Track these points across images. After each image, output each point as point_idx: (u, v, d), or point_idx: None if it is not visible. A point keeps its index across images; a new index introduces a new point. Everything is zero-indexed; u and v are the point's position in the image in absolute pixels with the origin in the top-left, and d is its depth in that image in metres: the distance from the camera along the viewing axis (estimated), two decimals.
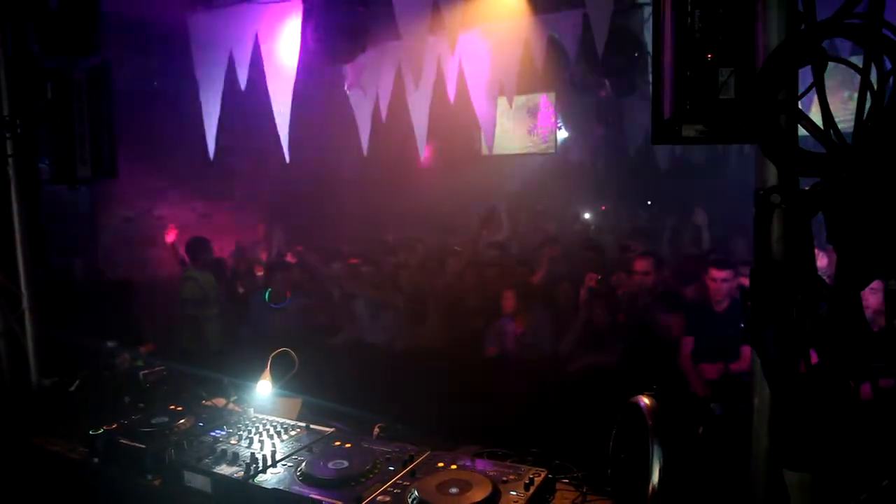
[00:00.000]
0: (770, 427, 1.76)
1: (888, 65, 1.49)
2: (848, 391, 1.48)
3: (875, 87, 1.49)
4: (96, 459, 2.65)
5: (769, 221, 1.62)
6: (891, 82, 1.46)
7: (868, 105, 1.50)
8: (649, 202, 12.46)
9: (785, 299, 1.55)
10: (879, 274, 1.47)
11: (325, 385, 3.24)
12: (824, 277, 1.57)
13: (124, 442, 2.59)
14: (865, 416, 1.50)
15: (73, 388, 3.36)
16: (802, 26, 1.67)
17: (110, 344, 3.60)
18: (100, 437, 2.65)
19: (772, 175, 1.71)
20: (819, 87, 1.54)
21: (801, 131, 1.66)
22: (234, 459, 2.38)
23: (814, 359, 1.54)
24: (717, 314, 4.71)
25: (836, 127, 1.56)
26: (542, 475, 2.15)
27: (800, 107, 1.69)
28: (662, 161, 11.44)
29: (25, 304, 3.73)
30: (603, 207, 12.53)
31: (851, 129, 1.53)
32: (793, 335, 1.53)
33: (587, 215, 11.94)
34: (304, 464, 2.29)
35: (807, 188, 1.60)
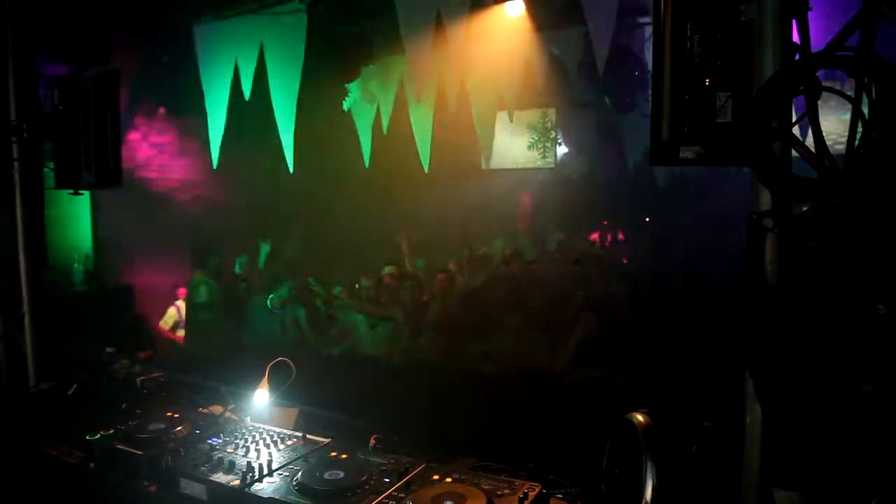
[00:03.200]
0: (761, 446, 1.78)
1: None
2: (838, 412, 1.50)
3: (867, 116, 1.53)
4: (92, 465, 2.66)
5: (762, 245, 1.65)
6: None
7: (860, 133, 1.54)
8: (647, 219, 12.49)
9: (777, 321, 1.58)
10: (870, 298, 1.51)
11: (323, 395, 3.26)
12: None
13: (121, 448, 2.59)
14: (855, 436, 1.53)
15: (70, 393, 3.37)
16: (797, 56, 1.72)
17: (109, 349, 3.62)
18: (96, 443, 2.65)
19: (766, 199, 1.75)
20: (812, 115, 1.58)
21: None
22: (231, 468, 2.39)
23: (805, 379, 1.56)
24: None
25: (829, 153, 1.60)
26: (537, 490, 2.16)
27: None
28: (661, 178, 11.49)
29: (26, 308, 3.75)
30: (605, 222, 12.56)
31: None
32: (784, 356, 1.56)
33: (584, 230, 11.96)
34: (300, 474, 2.30)
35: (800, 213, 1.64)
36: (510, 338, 5.13)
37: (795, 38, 1.83)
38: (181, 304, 7.25)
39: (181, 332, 7.17)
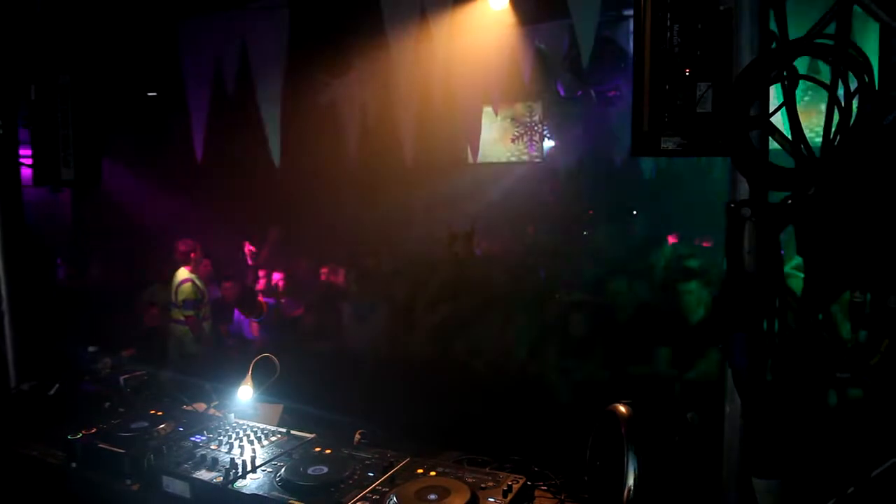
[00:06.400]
0: (740, 436, 1.79)
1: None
2: (815, 400, 1.51)
3: (843, 104, 1.53)
4: (74, 464, 2.64)
5: (740, 234, 1.66)
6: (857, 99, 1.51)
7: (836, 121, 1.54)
8: (634, 211, 12.56)
9: (755, 310, 1.58)
10: (846, 287, 1.51)
11: (307, 391, 3.24)
12: None
13: (103, 447, 2.58)
14: (832, 424, 1.54)
15: (52, 393, 3.34)
16: (774, 44, 1.72)
17: (91, 348, 3.59)
18: (78, 442, 2.64)
19: (744, 188, 1.76)
20: (789, 103, 1.58)
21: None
22: (214, 465, 2.38)
23: (782, 369, 1.57)
24: None
25: (807, 142, 1.60)
26: (521, 482, 2.16)
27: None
28: (647, 170, 11.56)
29: (5, 307, 3.71)
30: (590, 212, 12.61)
31: None
32: (762, 346, 1.57)
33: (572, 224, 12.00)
34: (283, 469, 2.29)
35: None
36: (496, 333, 5.14)
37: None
38: (195, 277, 6.94)
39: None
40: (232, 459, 2.37)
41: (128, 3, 5.68)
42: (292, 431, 2.65)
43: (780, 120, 1.80)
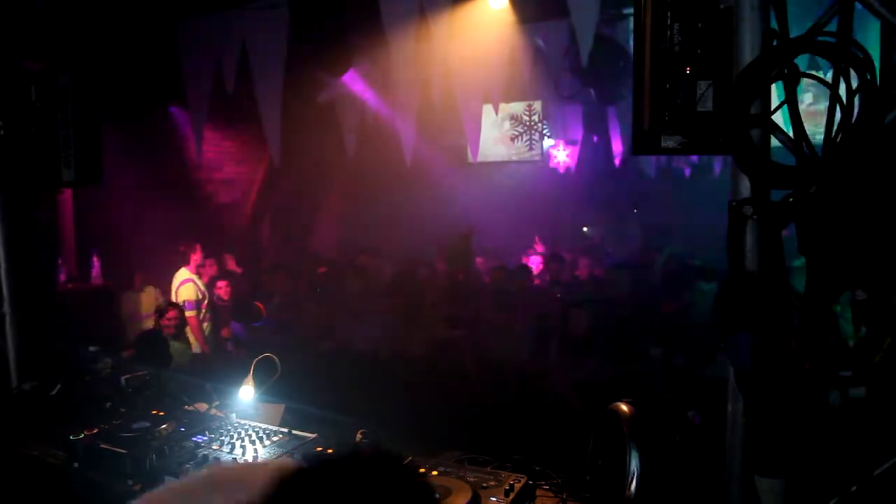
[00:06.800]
0: (743, 434, 1.79)
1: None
2: (817, 399, 1.51)
3: (844, 102, 1.53)
4: (76, 464, 2.63)
5: (742, 232, 1.65)
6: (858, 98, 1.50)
7: (837, 119, 1.54)
8: (635, 209, 12.59)
9: (757, 309, 1.58)
10: (848, 285, 1.51)
11: (309, 391, 3.24)
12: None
13: (105, 447, 2.57)
14: (835, 423, 1.54)
15: (53, 393, 3.33)
16: (775, 42, 1.72)
17: (92, 348, 3.59)
18: (80, 442, 2.62)
19: (746, 187, 1.75)
20: (791, 101, 1.58)
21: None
22: (216, 465, 2.37)
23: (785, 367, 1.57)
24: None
25: (808, 140, 1.60)
26: (522, 481, 2.16)
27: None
28: (648, 168, 11.56)
29: (7, 308, 3.70)
30: (590, 211, 12.64)
31: None
32: (764, 344, 1.57)
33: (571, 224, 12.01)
34: None
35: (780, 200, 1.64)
36: (496, 332, 5.14)
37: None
38: (196, 278, 6.91)
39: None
40: (234, 459, 2.37)
41: (127, 4, 5.69)
42: (294, 431, 2.64)
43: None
